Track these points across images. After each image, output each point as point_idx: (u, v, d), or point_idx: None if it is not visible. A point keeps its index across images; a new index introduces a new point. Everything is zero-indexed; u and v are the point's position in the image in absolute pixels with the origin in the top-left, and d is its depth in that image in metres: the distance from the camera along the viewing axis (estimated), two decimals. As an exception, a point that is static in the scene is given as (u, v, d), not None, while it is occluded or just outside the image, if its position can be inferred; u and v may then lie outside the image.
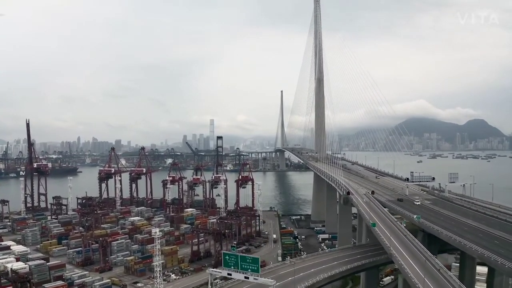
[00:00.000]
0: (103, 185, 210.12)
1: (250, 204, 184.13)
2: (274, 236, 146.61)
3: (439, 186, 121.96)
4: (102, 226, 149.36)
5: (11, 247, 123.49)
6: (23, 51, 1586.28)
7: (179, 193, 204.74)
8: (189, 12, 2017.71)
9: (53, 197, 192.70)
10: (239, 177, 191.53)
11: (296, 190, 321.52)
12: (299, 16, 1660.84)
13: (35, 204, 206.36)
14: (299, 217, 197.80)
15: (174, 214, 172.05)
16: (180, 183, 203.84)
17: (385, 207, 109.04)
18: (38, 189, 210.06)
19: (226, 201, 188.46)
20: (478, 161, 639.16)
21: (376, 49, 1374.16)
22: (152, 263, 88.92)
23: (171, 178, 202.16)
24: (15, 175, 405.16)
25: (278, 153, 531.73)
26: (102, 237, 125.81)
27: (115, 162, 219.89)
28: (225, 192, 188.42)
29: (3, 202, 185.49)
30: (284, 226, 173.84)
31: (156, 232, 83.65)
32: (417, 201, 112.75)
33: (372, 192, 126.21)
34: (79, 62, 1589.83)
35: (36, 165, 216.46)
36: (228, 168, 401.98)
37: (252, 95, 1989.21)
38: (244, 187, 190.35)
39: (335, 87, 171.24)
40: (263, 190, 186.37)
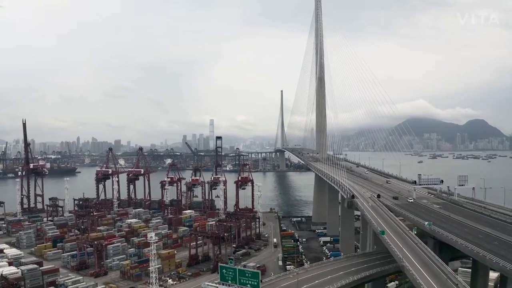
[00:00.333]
0: (101, 186, 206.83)
1: (250, 205, 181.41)
2: (275, 241, 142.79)
3: (448, 189, 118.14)
4: (99, 229, 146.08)
5: (4, 251, 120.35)
6: (22, 51, 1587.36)
7: (178, 195, 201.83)
8: (188, 12, 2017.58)
9: (50, 199, 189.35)
10: (239, 178, 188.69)
11: (297, 191, 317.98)
12: (298, 16, 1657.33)
13: (32, 206, 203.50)
14: (300, 219, 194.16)
15: (172, 216, 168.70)
16: (179, 184, 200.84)
17: (391, 211, 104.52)
18: (35, 190, 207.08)
19: (226, 203, 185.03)
20: (479, 162, 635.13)
21: (376, 49, 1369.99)
22: (149, 268, 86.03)
23: (170, 179, 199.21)
24: (14, 176, 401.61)
25: (278, 153, 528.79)
26: (98, 240, 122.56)
27: (114, 163, 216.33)
28: (225, 193, 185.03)
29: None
30: (285, 229, 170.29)
31: (152, 237, 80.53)
32: (410, 199, 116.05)
33: (378, 196, 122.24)
34: (79, 62, 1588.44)
35: (33, 166, 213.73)
36: (228, 169, 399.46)
37: (252, 95, 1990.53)
38: (244, 188, 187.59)
39: (337, 86, 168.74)
40: (263, 191, 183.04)
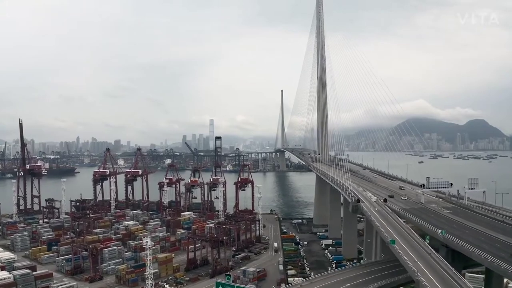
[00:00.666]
0: (98, 187, 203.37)
1: (250, 207, 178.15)
2: (275, 245, 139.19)
3: (457, 193, 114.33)
4: (95, 231, 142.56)
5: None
6: (22, 51, 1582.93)
7: (176, 196, 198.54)
8: (188, 12, 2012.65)
9: (46, 200, 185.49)
10: (238, 179, 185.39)
11: (297, 192, 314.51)
12: (298, 16, 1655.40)
13: (28, 207, 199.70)
14: (301, 221, 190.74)
15: (171, 218, 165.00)
16: (178, 185, 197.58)
17: (400, 217, 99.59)
18: (32, 191, 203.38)
19: (225, 204, 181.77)
20: (480, 162, 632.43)
21: (376, 49, 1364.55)
22: (145, 273, 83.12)
23: (168, 180, 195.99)
24: (12, 176, 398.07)
25: (278, 154, 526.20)
26: (93, 244, 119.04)
27: (112, 163, 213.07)
28: (224, 195, 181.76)
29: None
30: (285, 231, 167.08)
31: (147, 242, 77.43)
32: (404, 197, 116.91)
33: (385, 200, 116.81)
34: (79, 62, 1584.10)
35: (29, 166, 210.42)
36: (228, 169, 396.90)
37: (252, 95, 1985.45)
38: (244, 190, 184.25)
39: (338, 86, 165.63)
40: (263, 191, 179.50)
